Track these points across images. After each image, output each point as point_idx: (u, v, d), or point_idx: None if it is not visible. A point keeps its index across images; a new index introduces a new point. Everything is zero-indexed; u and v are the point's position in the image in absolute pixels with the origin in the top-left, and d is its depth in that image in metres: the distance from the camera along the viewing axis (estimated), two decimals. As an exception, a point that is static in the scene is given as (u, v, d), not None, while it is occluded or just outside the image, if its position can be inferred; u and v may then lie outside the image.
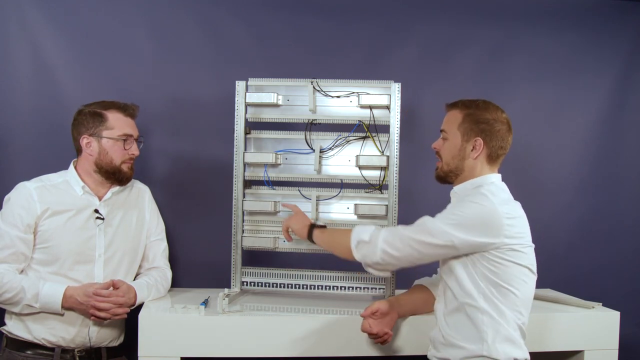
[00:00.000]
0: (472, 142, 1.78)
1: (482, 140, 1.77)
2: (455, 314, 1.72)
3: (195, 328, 1.87)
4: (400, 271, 2.16)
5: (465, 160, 1.79)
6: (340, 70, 2.35)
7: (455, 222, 1.65)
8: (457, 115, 1.81)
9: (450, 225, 1.65)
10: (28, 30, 2.38)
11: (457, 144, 1.79)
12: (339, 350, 1.93)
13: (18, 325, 2.01)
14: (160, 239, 2.25)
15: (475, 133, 1.77)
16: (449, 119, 1.83)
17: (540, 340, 2.02)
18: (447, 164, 1.82)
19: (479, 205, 1.66)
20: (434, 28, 2.61)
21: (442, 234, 1.66)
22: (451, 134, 1.81)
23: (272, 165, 2.23)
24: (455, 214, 1.68)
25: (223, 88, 2.36)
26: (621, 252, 2.73)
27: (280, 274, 2.23)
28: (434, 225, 1.68)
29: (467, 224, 1.64)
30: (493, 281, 1.66)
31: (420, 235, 1.69)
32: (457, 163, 1.80)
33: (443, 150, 1.83)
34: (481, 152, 1.77)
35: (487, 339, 1.65)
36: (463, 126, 1.79)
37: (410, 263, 1.75)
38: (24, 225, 1.97)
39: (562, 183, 2.69)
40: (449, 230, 1.65)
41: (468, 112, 1.80)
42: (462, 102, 1.83)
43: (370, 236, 1.77)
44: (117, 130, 2.06)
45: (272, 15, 2.54)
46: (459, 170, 1.80)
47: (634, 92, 2.74)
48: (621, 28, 2.71)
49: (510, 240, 1.66)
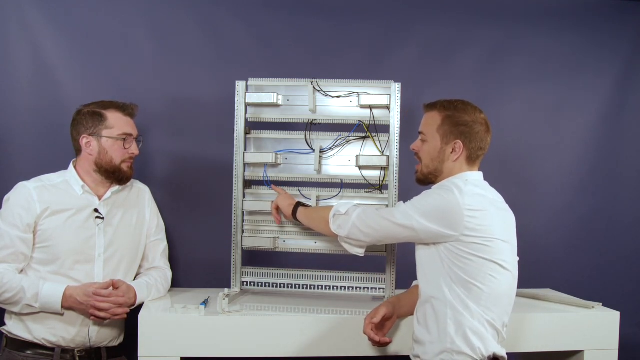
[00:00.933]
0: (451, 145, 1.78)
1: (462, 142, 1.78)
2: (423, 307, 1.76)
3: (195, 328, 1.87)
4: (400, 271, 2.17)
5: (444, 163, 1.80)
6: (340, 70, 2.35)
7: (418, 208, 1.73)
8: (435, 118, 1.81)
9: (413, 210, 1.73)
10: (28, 30, 2.38)
11: (436, 146, 1.80)
12: (339, 350, 1.93)
13: (18, 325, 2.00)
14: (160, 239, 2.25)
15: (455, 136, 1.78)
16: (428, 121, 1.84)
17: (540, 340, 2.02)
18: (427, 166, 1.84)
19: (441, 197, 1.70)
20: (434, 28, 2.61)
21: (405, 216, 1.74)
22: (430, 136, 1.82)
23: (272, 165, 2.23)
24: (419, 201, 1.75)
25: (223, 88, 2.36)
26: (621, 252, 2.73)
27: (280, 274, 2.23)
28: (399, 208, 1.78)
29: (428, 212, 1.70)
30: (457, 275, 1.68)
31: (387, 214, 1.79)
32: (436, 165, 1.82)
33: (422, 152, 1.85)
34: (461, 154, 1.78)
35: (450, 332, 1.66)
36: (442, 129, 1.79)
37: (377, 241, 1.88)
38: (23, 225, 1.97)
39: (562, 183, 2.69)
40: (412, 214, 1.73)
41: (447, 114, 1.80)
42: (440, 104, 1.83)
43: (347, 209, 1.87)
44: (116, 129, 2.06)
45: (272, 15, 2.54)
46: (438, 172, 1.82)
47: (634, 92, 2.74)
48: (621, 28, 2.71)
49: (472, 233, 1.66)
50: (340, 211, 1.88)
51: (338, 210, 1.89)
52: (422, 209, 1.72)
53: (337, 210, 1.90)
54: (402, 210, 1.77)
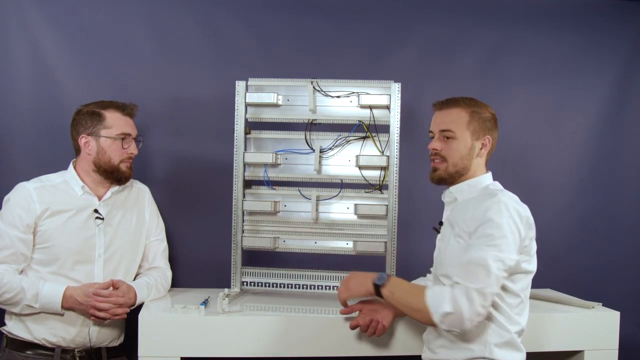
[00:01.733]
0: (481, 140, 1.76)
1: (490, 137, 1.76)
2: None
3: (195, 328, 1.87)
4: (400, 272, 2.17)
5: (472, 160, 1.76)
6: (340, 70, 2.35)
7: (503, 249, 1.56)
8: (462, 114, 1.76)
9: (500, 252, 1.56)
10: (28, 30, 2.38)
11: (467, 143, 1.74)
12: (339, 350, 1.93)
13: (18, 325, 2.00)
14: (160, 239, 2.25)
15: (484, 131, 1.76)
16: (454, 118, 1.76)
17: (540, 340, 2.02)
18: (455, 164, 1.75)
19: (512, 220, 1.59)
20: (434, 28, 2.61)
21: (499, 264, 1.55)
22: (459, 134, 1.74)
23: (272, 165, 2.23)
24: (495, 239, 1.56)
25: (223, 88, 2.36)
26: (621, 252, 2.73)
27: (280, 274, 2.23)
28: (490, 265, 1.54)
29: (512, 242, 1.57)
30: (507, 286, 1.62)
31: (485, 278, 1.54)
32: (465, 163, 1.75)
33: (449, 151, 1.75)
34: (489, 149, 1.77)
35: (491, 342, 1.63)
36: (472, 125, 1.75)
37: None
38: (23, 225, 1.97)
39: (562, 183, 2.69)
40: (503, 256, 1.56)
41: (472, 110, 1.76)
42: (462, 100, 1.79)
43: (452, 306, 1.54)
44: (115, 129, 2.06)
45: (272, 15, 2.54)
46: (465, 170, 1.76)
47: (634, 92, 2.74)
48: (621, 28, 2.71)
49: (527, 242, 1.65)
50: (446, 311, 1.54)
51: (443, 311, 1.54)
52: (505, 246, 1.56)
53: (442, 311, 1.55)
54: (493, 266, 1.54)
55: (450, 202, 1.81)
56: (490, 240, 1.56)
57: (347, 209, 2.21)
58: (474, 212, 1.64)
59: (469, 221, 1.64)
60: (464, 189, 1.76)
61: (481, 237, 1.58)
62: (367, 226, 2.20)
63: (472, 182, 1.76)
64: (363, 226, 2.20)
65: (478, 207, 1.64)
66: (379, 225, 2.19)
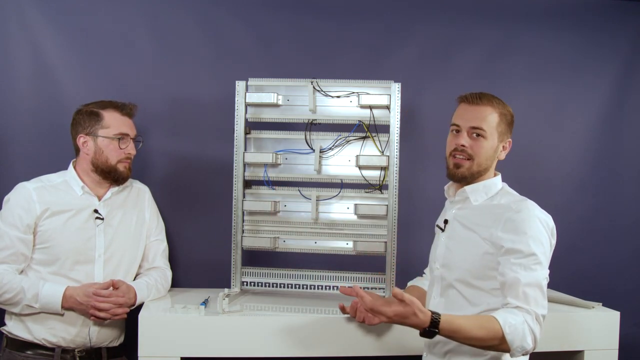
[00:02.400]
0: (504, 142, 1.75)
1: (511, 140, 1.76)
2: None
3: (195, 328, 1.87)
4: (399, 271, 2.17)
5: (494, 161, 1.76)
6: (340, 70, 2.35)
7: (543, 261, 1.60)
8: (493, 115, 1.71)
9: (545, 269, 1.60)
10: (28, 30, 2.38)
11: (494, 145, 1.72)
12: (339, 350, 1.93)
13: (18, 325, 2.01)
14: (160, 239, 2.25)
15: (508, 134, 1.75)
16: (486, 118, 1.70)
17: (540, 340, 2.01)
18: (480, 164, 1.72)
19: (542, 227, 1.63)
20: (434, 28, 2.61)
21: (546, 280, 1.60)
22: (490, 134, 1.71)
23: (272, 165, 2.23)
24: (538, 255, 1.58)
25: (223, 88, 2.35)
26: (621, 252, 2.73)
27: (280, 274, 2.23)
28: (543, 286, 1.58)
29: (548, 251, 1.62)
30: None
31: (546, 305, 1.58)
32: (489, 164, 1.74)
33: (478, 149, 1.71)
34: (507, 151, 1.77)
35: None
36: (500, 127, 1.72)
37: None
38: (23, 225, 1.97)
39: (562, 183, 2.69)
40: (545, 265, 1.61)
41: (501, 111, 1.73)
42: (494, 99, 1.74)
43: (532, 339, 1.54)
44: (112, 129, 2.06)
45: (272, 15, 2.53)
46: (485, 171, 1.74)
47: (634, 92, 2.74)
48: (621, 28, 2.71)
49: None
50: (529, 346, 1.54)
51: (527, 346, 1.53)
52: (546, 262, 1.61)
53: (524, 346, 1.53)
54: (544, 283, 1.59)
55: (460, 200, 1.78)
56: (535, 258, 1.57)
57: (347, 209, 2.21)
58: (509, 225, 1.62)
59: (502, 233, 1.62)
60: (479, 189, 1.74)
61: (527, 256, 1.57)
62: (367, 226, 2.20)
63: (488, 183, 1.75)
64: (363, 226, 2.20)
65: (511, 219, 1.62)
66: (379, 225, 2.19)
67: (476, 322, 1.54)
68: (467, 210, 1.74)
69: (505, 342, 1.51)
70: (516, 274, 1.55)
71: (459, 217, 1.75)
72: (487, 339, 1.52)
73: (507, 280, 1.56)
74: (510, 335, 1.50)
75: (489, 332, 1.51)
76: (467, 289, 1.68)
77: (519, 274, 1.55)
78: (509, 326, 1.51)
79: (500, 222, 1.63)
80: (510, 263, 1.57)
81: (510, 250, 1.58)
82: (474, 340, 1.53)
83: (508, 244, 1.59)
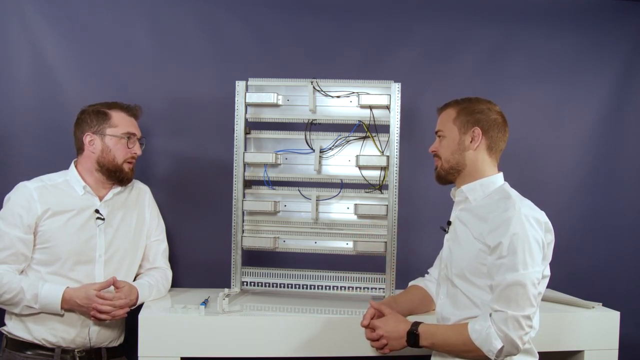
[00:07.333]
0: (470, 134, 1.75)
1: (480, 129, 1.74)
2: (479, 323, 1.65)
3: (195, 328, 1.87)
4: (399, 271, 2.17)
5: (465, 153, 1.75)
6: (340, 70, 2.35)
7: (530, 258, 1.57)
8: (450, 113, 1.79)
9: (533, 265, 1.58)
10: (28, 30, 2.38)
11: (454, 138, 1.76)
12: (339, 350, 1.93)
13: (18, 325, 2.00)
14: (161, 239, 2.25)
15: (472, 123, 1.75)
16: (443, 119, 1.81)
17: (540, 340, 2.00)
18: (447, 160, 1.77)
19: (529, 224, 1.60)
20: (434, 28, 2.61)
21: (534, 280, 1.58)
22: (447, 130, 1.78)
23: (272, 165, 2.23)
24: (523, 253, 1.57)
25: (223, 88, 2.36)
26: (621, 252, 2.73)
27: (280, 274, 2.23)
28: (527, 286, 1.56)
29: (535, 248, 1.59)
30: None
31: (531, 305, 1.57)
32: (457, 158, 1.76)
33: (441, 149, 1.79)
34: (480, 142, 1.74)
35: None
36: (459, 120, 1.76)
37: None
38: (24, 225, 1.97)
39: (562, 183, 2.69)
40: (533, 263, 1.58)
41: (462, 106, 1.78)
42: (454, 101, 1.83)
43: (501, 339, 1.55)
44: (120, 128, 2.06)
45: (272, 15, 2.54)
46: (460, 165, 1.76)
47: (634, 92, 2.74)
48: (621, 28, 2.71)
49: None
50: (498, 347, 1.56)
51: (495, 348, 1.56)
52: (533, 260, 1.58)
53: (493, 348, 1.56)
54: (528, 283, 1.56)
55: (461, 201, 1.79)
56: (518, 257, 1.56)
57: (347, 209, 2.21)
58: (493, 224, 1.62)
59: (488, 232, 1.63)
60: (476, 188, 1.75)
61: (510, 255, 1.57)
62: (367, 226, 2.20)
63: (484, 181, 1.75)
64: (363, 226, 2.21)
65: (496, 217, 1.63)
66: (379, 225, 2.19)
67: (449, 335, 1.66)
68: (467, 210, 1.75)
69: (478, 349, 1.58)
70: (498, 275, 1.58)
71: (460, 217, 1.77)
72: (467, 349, 1.61)
73: (492, 284, 1.60)
74: (477, 341, 1.58)
75: (465, 340, 1.60)
76: (467, 285, 1.69)
77: (500, 276, 1.58)
78: (473, 332, 1.59)
79: (487, 221, 1.65)
80: (494, 264, 1.60)
81: (494, 250, 1.61)
82: (455, 352, 1.64)
83: (493, 243, 1.61)
